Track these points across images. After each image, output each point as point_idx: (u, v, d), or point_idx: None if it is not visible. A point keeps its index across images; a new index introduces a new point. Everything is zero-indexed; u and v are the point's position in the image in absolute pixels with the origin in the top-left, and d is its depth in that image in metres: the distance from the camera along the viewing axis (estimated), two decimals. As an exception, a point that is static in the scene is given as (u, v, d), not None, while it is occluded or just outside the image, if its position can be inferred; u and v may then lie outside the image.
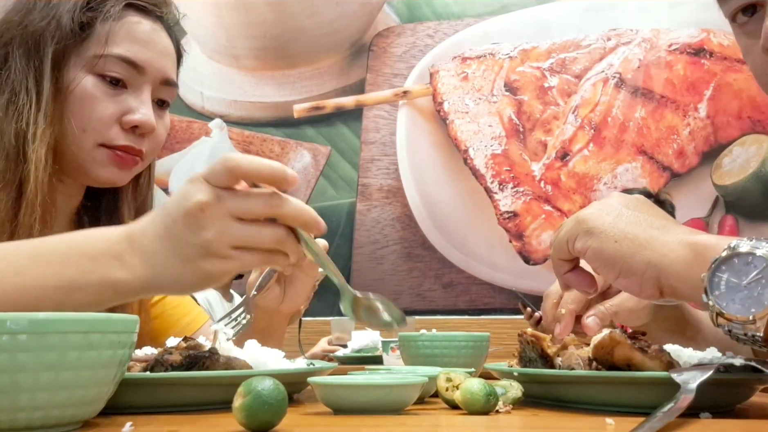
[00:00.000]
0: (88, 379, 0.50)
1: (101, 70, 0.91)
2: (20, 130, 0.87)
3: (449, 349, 1.00)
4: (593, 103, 3.07)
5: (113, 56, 0.91)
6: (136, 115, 0.92)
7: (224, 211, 0.63)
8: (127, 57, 0.92)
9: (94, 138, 0.91)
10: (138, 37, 0.93)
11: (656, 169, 2.98)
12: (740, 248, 0.60)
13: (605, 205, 0.72)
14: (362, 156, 3.32)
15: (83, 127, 0.90)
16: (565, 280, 0.76)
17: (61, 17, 0.90)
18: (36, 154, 0.86)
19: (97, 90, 0.91)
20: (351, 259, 3.25)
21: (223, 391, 0.63)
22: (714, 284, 0.61)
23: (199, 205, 0.63)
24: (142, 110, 0.92)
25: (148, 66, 0.93)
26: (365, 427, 0.55)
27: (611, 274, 0.69)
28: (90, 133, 0.91)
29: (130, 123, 0.92)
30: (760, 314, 0.58)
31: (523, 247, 3.07)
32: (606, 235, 0.69)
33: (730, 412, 0.65)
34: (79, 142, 0.91)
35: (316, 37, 3.43)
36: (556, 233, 0.75)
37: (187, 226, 0.63)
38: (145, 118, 0.92)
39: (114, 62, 0.91)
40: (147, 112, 0.93)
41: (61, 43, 0.89)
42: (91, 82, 0.90)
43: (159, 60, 0.95)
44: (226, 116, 3.52)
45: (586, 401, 0.67)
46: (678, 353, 0.67)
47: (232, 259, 0.64)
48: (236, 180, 0.65)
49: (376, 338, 2.11)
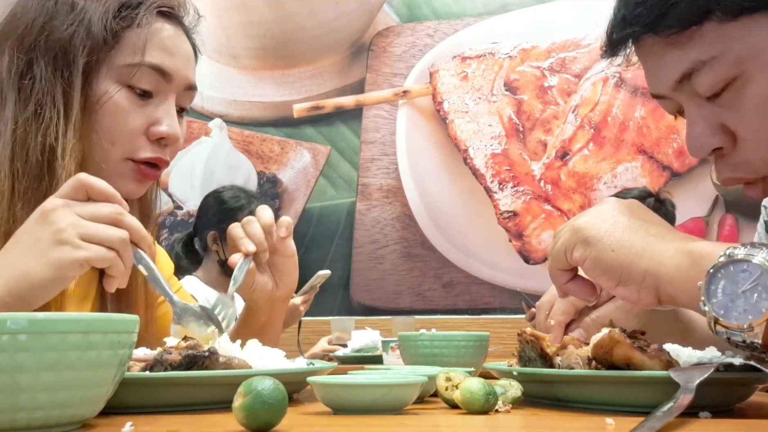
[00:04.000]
0: (88, 379, 0.50)
1: (131, 81, 0.88)
2: (47, 145, 0.83)
3: (449, 348, 1.00)
4: (593, 102, 3.07)
5: (147, 66, 0.88)
6: (162, 126, 0.90)
7: (73, 212, 0.71)
8: (159, 66, 0.89)
9: (122, 151, 0.89)
10: (165, 44, 0.91)
11: (656, 169, 2.98)
12: (736, 255, 0.60)
13: (601, 212, 0.72)
14: (362, 156, 3.32)
15: (112, 140, 0.88)
16: (566, 289, 0.76)
17: (92, 25, 0.86)
18: (65, 171, 0.83)
19: (128, 102, 0.88)
20: (351, 258, 3.25)
21: (223, 390, 0.63)
22: (711, 292, 0.61)
23: (48, 209, 0.71)
24: (167, 121, 0.90)
25: (175, 73, 0.91)
26: (365, 427, 0.55)
27: (610, 282, 0.69)
28: (118, 146, 0.89)
29: (157, 135, 0.90)
30: (757, 321, 0.58)
31: (523, 247, 3.07)
32: (603, 244, 0.69)
33: (729, 412, 0.65)
34: (107, 156, 0.88)
35: (315, 37, 3.43)
36: (553, 244, 0.75)
37: (37, 222, 0.71)
38: (172, 130, 0.91)
39: (147, 72, 0.88)
40: (173, 123, 0.91)
41: (93, 54, 0.86)
42: (118, 93, 0.88)
43: (184, 66, 0.93)
44: (225, 116, 3.52)
45: (585, 401, 0.67)
46: (677, 353, 0.67)
47: (82, 248, 0.70)
48: (83, 191, 0.73)
49: (376, 338, 2.10)
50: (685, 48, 0.74)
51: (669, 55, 0.76)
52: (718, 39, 0.72)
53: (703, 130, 0.76)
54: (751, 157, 0.76)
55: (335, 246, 3.28)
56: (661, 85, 0.79)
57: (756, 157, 0.76)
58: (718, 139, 0.76)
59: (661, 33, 0.75)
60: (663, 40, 0.75)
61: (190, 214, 3.25)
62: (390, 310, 3.11)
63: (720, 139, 0.76)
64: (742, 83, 0.73)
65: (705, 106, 0.76)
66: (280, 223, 0.99)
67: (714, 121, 0.76)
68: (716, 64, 0.73)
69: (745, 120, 0.74)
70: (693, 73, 0.74)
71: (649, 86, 0.82)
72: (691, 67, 0.74)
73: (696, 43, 0.73)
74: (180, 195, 3.49)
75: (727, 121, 0.75)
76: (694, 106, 0.77)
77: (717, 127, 0.76)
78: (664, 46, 0.76)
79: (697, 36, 0.73)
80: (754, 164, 0.76)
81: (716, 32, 0.72)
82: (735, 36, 0.72)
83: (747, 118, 0.74)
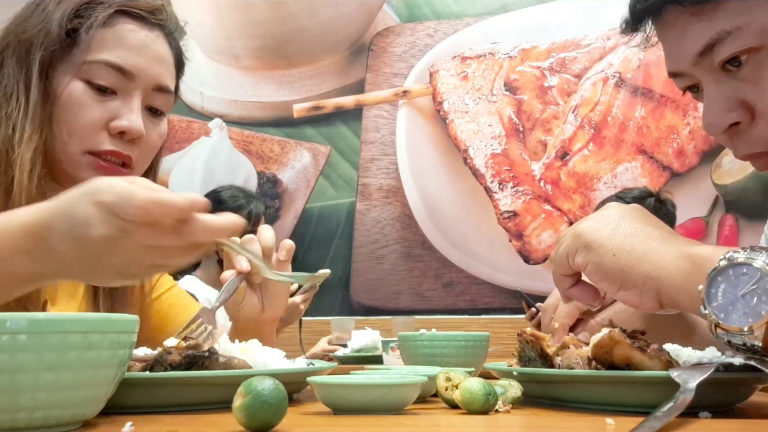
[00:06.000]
0: (88, 379, 0.50)
1: (89, 77, 0.91)
2: (7, 135, 0.88)
3: (449, 348, 1.00)
4: (593, 102, 3.07)
5: (101, 62, 0.91)
6: (122, 121, 0.92)
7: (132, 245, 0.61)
8: (115, 63, 0.92)
9: (81, 144, 0.91)
10: (129, 43, 0.93)
11: (656, 169, 2.98)
12: (736, 259, 0.60)
13: (602, 217, 0.72)
14: (362, 156, 3.32)
15: (70, 132, 0.90)
16: (569, 294, 0.76)
17: (51, 24, 0.90)
18: (21, 159, 0.86)
19: (85, 96, 0.91)
20: (351, 258, 3.25)
21: (222, 390, 0.63)
22: (711, 295, 0.61)
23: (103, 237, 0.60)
24: (129, 116, 0.92)
25: (138, 72, 0.93)
26: (365, 427, 0.55)
27: (612, 287, 0.70)
28: (76, 138, 0.91)
29: (117, 129, 0.91)
30: (757, 324, 0.59)
31: (523, 247, 3.07)
32: (604, 248, 0.69)
33: (729, 412, 0.65)
34: (66, 148, 0.91)
35: (315, 37, 3.43)
36: (555, 249, 0.75)
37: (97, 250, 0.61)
38: (132, 124, 0.92)
39: (102, 68, 0.91)
40: (134, 119, 0.92)
41: (48, 49, 0.90)
42: (78, 88, 0.91)
43: (152, 67, 0.95)
44: (225, 116, 3.51)
45: (585, 401, 0.67)
46: (677, 353, 0.67)
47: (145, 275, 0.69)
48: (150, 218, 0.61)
49: (376, 338, 2.10)
50: (709, 19, 0.74)
51: (692, 27, 0.76)
52: (742, 10, 0.73)
53: (721, 106, 0.76)
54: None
55: (335, 246, 3.28)
56: (682, 60, 0.79)
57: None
58: (735, 115, 0.76)
59: (686, 2, 0.75)
60: (687, 10, 0.75)
61: (190, 214, 3.25)
62: (390, 310, 3.11)
63: (738, 114, 0.76)
64: (764, 55, 0.73)
65: (724, 81, 0.76)
66: (282, 246, 0.99)
67: (733, 95, 0.76)
68: (740, 35, 0.73)
69: (765, 93, 0.74)
70: (716, 44, 0.74)
71: (668, 63, 0.81)
72: (716, 37, 0.74)
73: (720, 13, 0.74)
74: (180, 195, 3.48)
75: (746, 95, 0.75)
76: (713, 81, 0.77)
77: (735, 102, 0.76)
78: (688, 17, 0.76)
79: (721, 6, 0.73)
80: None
81: (740, 3, 0.73)
82: (759, 7, 0.73)
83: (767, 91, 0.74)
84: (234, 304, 0.98)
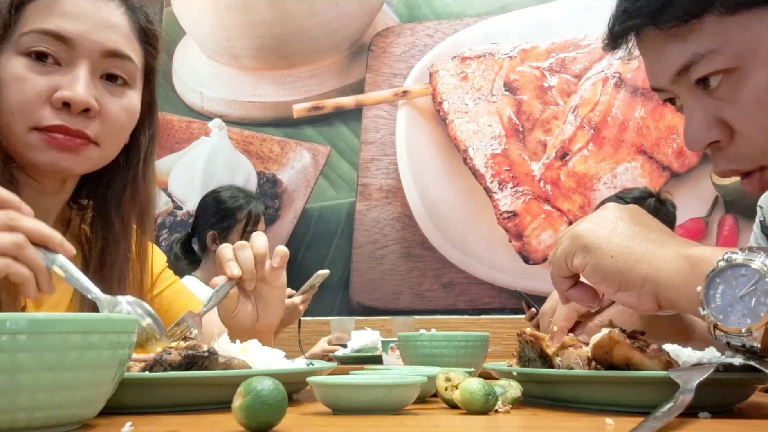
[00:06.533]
0: (88, 380, 0.50)
1: (26, 48, 0.86)
2: None
3: (449, 348, 1.00)
4: (593, 102, 3.07)
5: (35, 31, 0.86)
6: (65, 91, 0.85)
7: None
8: (51, 29, 0.86)
9: (24, 121, 0.85)
10: (67, 10, 0.87)
11: (656, 169, 2.98)
12: (734, 260, 0.61)
13: (600, 218, 0.73)
14: (362, 156, 3.32)
15: (10, 109, 0.85)
16: (568, 296, 0.76)
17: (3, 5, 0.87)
18: None
19: (22, 69, 0.86)
20: (350, 259, 3.25)
21: (222, 391, 0.63)
22: (710, 297, 0.61)
23: None
24: (72, 86, 0.86)
25: (78, 38, 0.87)
26: (364, 427, 0.55)
27: (610, 288, 0.70)
28: (18, 115, 0.85)
29: (59, 99, 0.85)
30: (756, 326, 0.59)
31: (522, 247, 3.07)
32: (602, 250, 0.69)
33: (729, 412, 0.65)
34: (10, 127, 0.86)
35: (315, 37, 3.43)
36: (553, 251, 0.75)
37: None
38: (75, 94, 0.85)
39: (37, 37, 0.86)
40: (78, 88, 0.86)
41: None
42: (18, 63, 0.86)
43: (95, 32, 0.88)
44: (225, 116, 3.51)
45: (585, 401, 0.67)
46: (677, 353, 0.67)
47: None
48: None
49: (376, 338, 2.10)
50: (685, 41, 0.75)
51: (669, 48, 0.76)
52: (717, 32, 0.73)
53: (700, 124, 0.77)
54: (747, 150, 0.76)
55: (335, 246, 3.28)
56: (660, 78, 0.80)
57: (753, 149, 0.76)
58: (715, 132, 0.76)
59: (662, 25, 0.76)
60: (663, 32, 0.76)
61: (190, 214, 3.25)
62: (390, 311, 3.11)
63: (717, 132, 0.76)
64: (740, 76, 0.74)
65: (703, 99, 0.77)
66: (275, 253, 0.96)
67: (711, 114, 0.76)
68: (715, 57, 0.73)
69: (743, 113, 0.75)
70: (692, 66, 0.75)
71: (649, 79, 0.82)
72: (690, 59, 0.75)
73: (696, 36, 0.74)
74: (180, 195, 3.49)
75: (724, 114, 0.76)
76: (693, 99, 0.77)
77: (714, 120, 0.76)
78: (664, 39, 0.76)
79: (696, 29, 0.74)
80: (750, 156, 0.77)
81: (716, 26, 0.73)
82: (734, 30, 0.73)
83: (745, 111, 0.74)
84: (227, 311, 0.96)
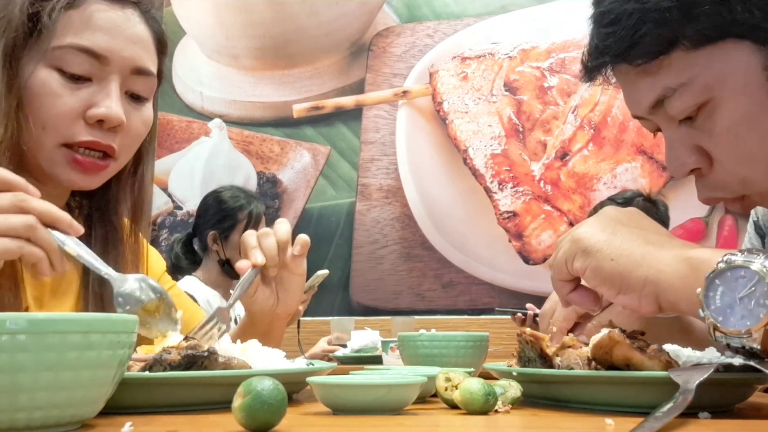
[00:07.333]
0: (88, 379, 0.50)
1: (59, 64, 0.85)
2: None
3: (448, 349, 1.00)
4: (593, 102, 3.07)
5: (69, 47, 0.85)
6: (100, 108, 0.86)
7: None
8: (85, 46, 0.85)
9: (55, 136, 0.85)
10: (99, 24, 0.87)
11: (656, 169, 2.98)
12: (734, 262, 0.61)
13: (599, 221, 0.73)
14: (362, 156, 3.32)
15: (42, 124, 0.85)
16: (569, 300, 0.77)
17: (14, 10, 0.85)
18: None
19: (56, 84, 0.85)
20: (350, 259, 3.25)
21: (222, 391, 0.63)
22: (709, 298, 0.61)
23: None
24: (107, 103, 0.86)
25: (111, 55, 0.87)
26: (364, 427, 0.55)
27: (611, 291, 0.70)
28: (50, 130, 0.85)
29: (95, 117, 0.85)
30: (755, 327, 0.59)
31: (522, 247, 3.07)
32: (602, 253, 0.69)
33: (729, 412, 0.65)
34: (39, 141, 0.85)
35: (315, 37, 3.43)
36: (554, 255, 0.76)
37: None
38: (111, 111, 0.86)
39: (71, 53, 0.85)
40: (113, 105, 0.86)
41: (10, 37, 0.85)
42: (47, 76, 0.85)
43: (126, 48, 0.88)
44: (225, 116, 3.51)
45: (585, 401, 0.67)
46: (677, 353, 0.67)
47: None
48: None
49: (376, 338, 2.11)
50: (655, 76, 0.77)
51: (641, 83, 0.79)
52: (686, 67, 0.75)
53: (680, 152, 0.79)
54: (727, 178, 0.78)
55: (335, 246, 3.28)
56: (638, 108, 0.82)
57: (732, 178, 0.78)
58: (694, 160, 0.78)
59: (632, 62, 0.78)
60: (634, 68, 0.78)
61: (190, 214, 3.25)
62: (390, 311, 3.11)
63: (697, 159, 0.78)
64: (712, 107, 0.76)
65: (681, 128, 0.78)
66: (297, 241, 0.99)
67: (690, 142, 0.78)
68: (686, 91, 0.75)
69: (718, 142, 0.77)
70: (665, 99, 0.77)
71: (629, 108, 0.84)
72: (662, 93, 0.77)
73: (665, 71, 0.76)
74: (180, 195, 3.49)
75: (702, 143, 0.78)
76: (671, 128, 0.80)
77: (693, 148, 0.78)
78: (635, 74, 0.79)
79: (665, 65, 0.76)
80: (730, 185, 0.79)
81: (684, 60, 0.75)
82: (702, 63, 0.75)
83: (720, 140, 0.76)
84: (247, 296, 0.98)
